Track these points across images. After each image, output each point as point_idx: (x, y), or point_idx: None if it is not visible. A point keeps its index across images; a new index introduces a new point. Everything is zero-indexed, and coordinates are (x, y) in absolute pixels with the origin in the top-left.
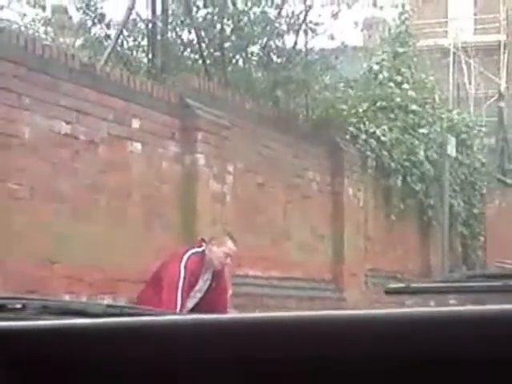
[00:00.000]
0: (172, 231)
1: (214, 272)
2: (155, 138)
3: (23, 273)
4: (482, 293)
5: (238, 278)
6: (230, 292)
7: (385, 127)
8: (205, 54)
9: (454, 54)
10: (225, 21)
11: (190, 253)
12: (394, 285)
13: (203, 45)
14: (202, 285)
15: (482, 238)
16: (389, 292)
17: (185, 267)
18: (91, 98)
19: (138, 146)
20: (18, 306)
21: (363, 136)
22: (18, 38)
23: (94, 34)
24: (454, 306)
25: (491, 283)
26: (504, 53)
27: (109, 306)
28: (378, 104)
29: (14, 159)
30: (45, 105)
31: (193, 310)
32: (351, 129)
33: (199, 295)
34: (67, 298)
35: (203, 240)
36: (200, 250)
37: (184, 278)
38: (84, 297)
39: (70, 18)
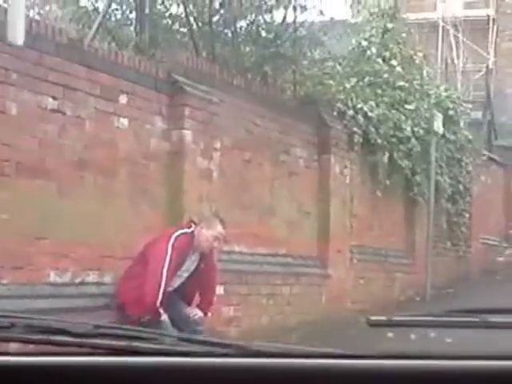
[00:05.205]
0: (158, 208)
1: (202, 254)
2: (142, 113)
3: (9, 249)
4: (461, 328)
5: (223, 254)
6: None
7: (372, 103)
8: (193, 28)
9: (443, 28)
10: None
11: (178, 233)
12: (376, 317)
13: (191, 19)
14: (190, 265)
15: (467, 215)
16: (371, 324)
17: (172, 247)
18: (78, 73)
19: (125, 121)
20: (6, 324)
21: (350, 112)
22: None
23: (83, 7)
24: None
25: (470, 319)
26: (493, 27)
27: (96, 326)
28: (366, 80)
29: (0, 135)
30: (32, 80)
31: (178, 289)
32: (339, 105)
33: (186, 275)
34: (52, 274)
35: (193, 221)
36: (189, 230)
37: (171, 257)
38: (69, 273)
39: None
